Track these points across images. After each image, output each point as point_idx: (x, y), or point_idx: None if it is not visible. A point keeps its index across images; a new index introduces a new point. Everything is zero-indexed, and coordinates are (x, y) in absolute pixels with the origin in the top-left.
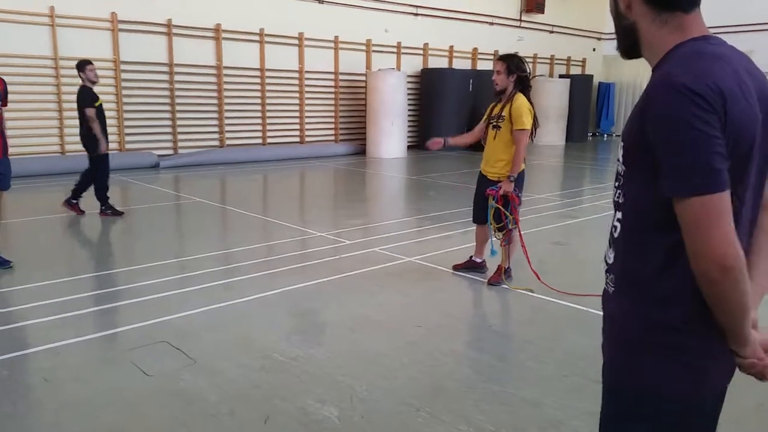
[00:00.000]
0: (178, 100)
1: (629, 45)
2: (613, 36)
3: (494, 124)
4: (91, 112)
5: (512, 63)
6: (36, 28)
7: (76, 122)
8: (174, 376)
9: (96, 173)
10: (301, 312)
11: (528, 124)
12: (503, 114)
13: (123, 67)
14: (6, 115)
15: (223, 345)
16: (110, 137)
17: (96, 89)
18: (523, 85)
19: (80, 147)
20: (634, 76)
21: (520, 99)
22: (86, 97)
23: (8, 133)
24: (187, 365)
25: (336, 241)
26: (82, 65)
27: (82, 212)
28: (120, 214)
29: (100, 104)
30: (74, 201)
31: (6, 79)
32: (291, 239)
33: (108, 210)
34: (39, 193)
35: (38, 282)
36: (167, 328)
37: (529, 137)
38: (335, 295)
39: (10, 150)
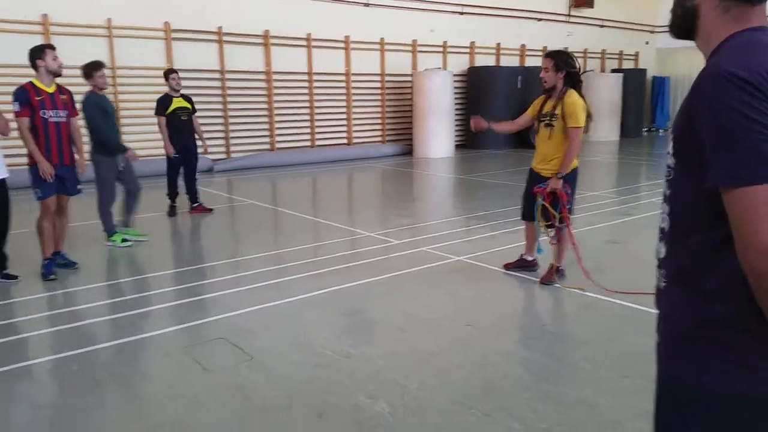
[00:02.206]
0: (230, 106)
1: (685, 27)
2: (667, 29)
3: (547, 122)
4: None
5: (560, 59)
6: (94, 39)
7: (133, 129)
8: (232, 371)
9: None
10: (351, 311)
11: (582, 120)
12: (556, 112)
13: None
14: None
15: (277, 342)
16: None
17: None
18: (574, 81)
19: (139, 152)
20: (690, 69)
21: (573, 95)
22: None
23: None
24: (244, 361)
25: (384, 240)
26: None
27: (209, 210)
28: (174, 214)
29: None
30: (195, 204)
31: (69, 89)
32: (340, 239)
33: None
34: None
35: (102, 282)
36: (224, 326)
37: (583, 132)
38: (385, 295)
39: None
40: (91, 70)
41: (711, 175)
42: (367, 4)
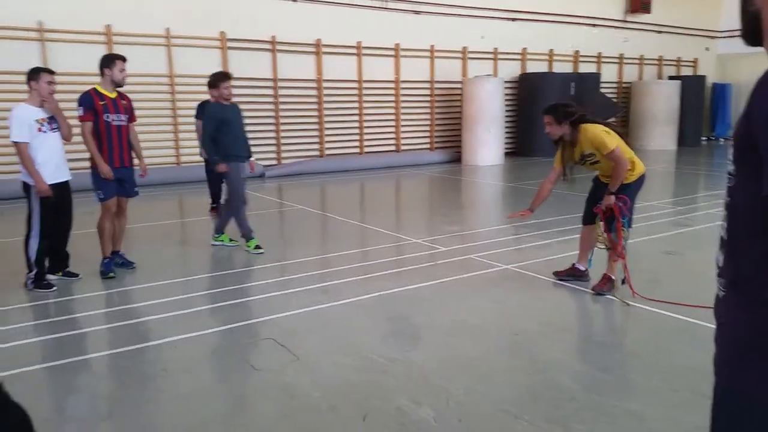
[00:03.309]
0: (281, 113)
1: (752, 33)
2: (729, 34)
3: (590, 162)
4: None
5: (557, 113)
6: (153, 48)
7: (191, 135)
8: (279, 371)
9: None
10: (397, 315)
11: (611, 142)
12: (586, 152)
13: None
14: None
15: (323, 344)
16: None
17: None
18: (580, 120)
19: (194, 158)
20: (753, 75)
21: (587, 131)
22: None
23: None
24: (291, 362)
25: (431, 247)
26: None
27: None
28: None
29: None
30: (214, 205)
31: (128, 96)
32: (387, 245)
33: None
34: (157, 201)
35: (157, 282)
36: (272, 327)
37: (624, 144)
38: (431, 300)
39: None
40: (217, 80)
41: (765, 184)
42: (417, 12)
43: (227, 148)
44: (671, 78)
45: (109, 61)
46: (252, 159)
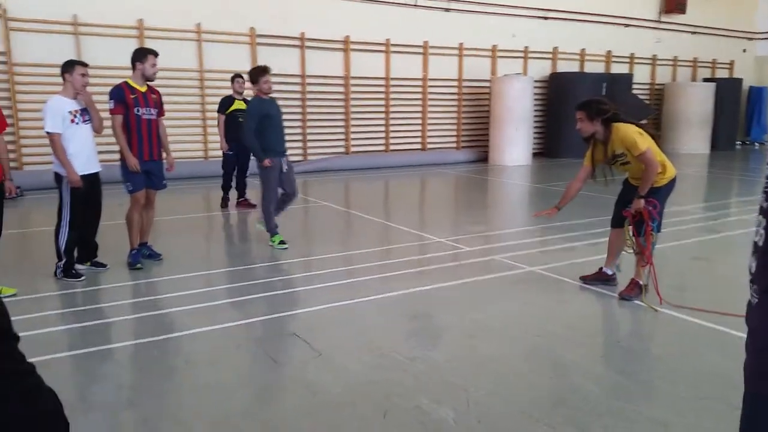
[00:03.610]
0: (308, 110)
1: None
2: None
3: (621, 162)
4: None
5: (590, 110)
6: (185, 43)
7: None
8: (300, 366)
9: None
10: (418, 314)
11: (643, 143)
12: (617, 152)
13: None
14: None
15: (345, 341)
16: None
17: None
18: (613, 118)
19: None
20: None
21: (619, 130)
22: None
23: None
24: (312, 357)
25: (455, 247)
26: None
27: (253, 205)
28: (226, 206)
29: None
30: (240, 199)
31: (158, 90)
32: (411, 244)
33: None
34: (184, 194)
35: (183, 274)
36: (295, 322)
37: (656, 147)
38: (453, 301)
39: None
40: (257, 75)
41: None
42: (447, 9)
43: (268, 142)
44: (706, 80)
45: (141, 54)
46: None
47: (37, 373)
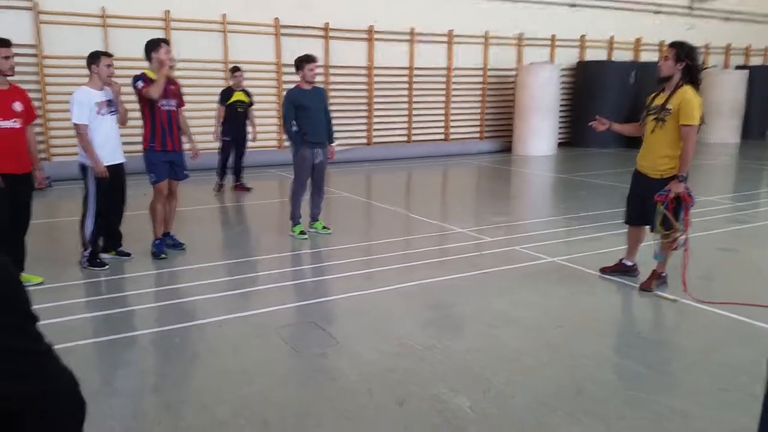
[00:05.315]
0: (331, 100)
1: None
2: None
3: (657, 116)
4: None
5: (682, 49)
6: (210, 34)
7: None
8: (319, 354)
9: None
10: (438, 304)
11: (697, 118)
12: (669, 107)
13: (284, 69)
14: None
15: (363, 330)
16: (271, 135)
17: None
18: (692, 76)
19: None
20: None
21: (689, 92)
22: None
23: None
24: (331, 345)
25: (477, 238)
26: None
27: (248, 189)
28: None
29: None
30: (237, 183)
31: (181, 81)
32: (431, 234)
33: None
34: (207, 185)
35: (205, 263)
36: (314, 311)
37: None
38: (473, 291)
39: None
40: (302, 62)
41: None
42: None
43: (301, 133)
44: (738, 68)
45: (154, 44)
46: (333, 144)
47: (54, 353)
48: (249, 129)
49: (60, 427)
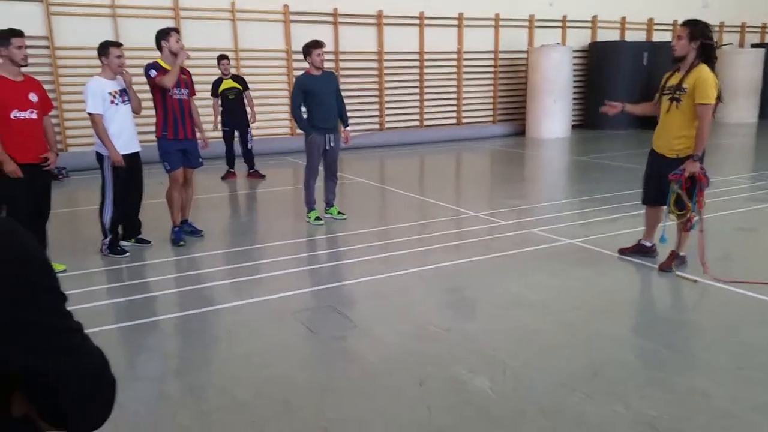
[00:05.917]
0: (341, 86)
1: None
2: None
3: (673, 95)
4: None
5: (696, 28)
6: (219, 22)
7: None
8: (338, 337)
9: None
10: (455, 287)
11: (713, 97)
12: (684, 85)
13: (294, 56)
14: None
15: (381, 313)
16: (283, 122)
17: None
18: (707, 55)
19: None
20: None
21: (705, 70)
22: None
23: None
24: (349, 328)
25: (491, 221)
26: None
27: (263, 176)
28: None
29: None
30: (251, 170)
31: (191, 70)
32: (446, 218)
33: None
34: (221, 173)
35: (223, 249)
36: (332, 294)
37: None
38: (490, 274)
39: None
40: (309, 47)
41: None
42: None
43: (311, 119)
44: (754, 46)
45: (164, 34)
46: (347, 129)
47: (84, 331)
48: (249, 112)
49: (91, 405)
